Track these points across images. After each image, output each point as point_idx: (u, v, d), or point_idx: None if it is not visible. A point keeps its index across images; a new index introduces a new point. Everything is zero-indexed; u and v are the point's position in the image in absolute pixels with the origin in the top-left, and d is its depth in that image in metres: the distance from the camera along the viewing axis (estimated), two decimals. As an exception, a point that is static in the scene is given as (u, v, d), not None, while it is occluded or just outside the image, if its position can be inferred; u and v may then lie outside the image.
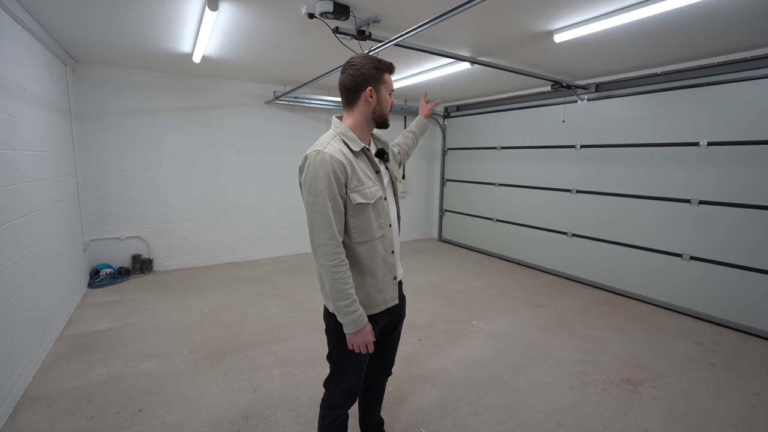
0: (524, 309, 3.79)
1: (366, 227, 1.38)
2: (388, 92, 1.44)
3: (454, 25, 2.74)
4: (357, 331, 1.35)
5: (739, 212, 3.35)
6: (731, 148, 3.37)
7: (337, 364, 1.54)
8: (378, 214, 1.41)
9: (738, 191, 3.35)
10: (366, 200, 1.35)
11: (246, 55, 3.78)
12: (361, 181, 1.35)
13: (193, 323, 3.33)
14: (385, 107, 1.43)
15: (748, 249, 3.31)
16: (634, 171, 4.07)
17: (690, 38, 2.96)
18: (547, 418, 2.20)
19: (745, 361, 2.86)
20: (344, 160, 1.32)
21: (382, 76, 1.40)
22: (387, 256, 1.46)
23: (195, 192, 4.94)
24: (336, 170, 1.28)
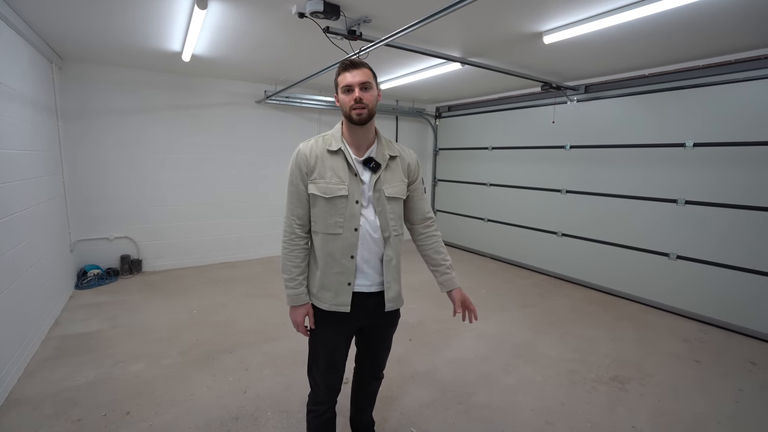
0: (515, 308, 3.82)
1: (318, 219, 1.48)
2: (342, 90, 1.43)
3: (445, 25, 2.76)
4: (291, 308, 1.53)
5: (724, 212, 3.41)
6: (717, 149, 3.43)
7: (310, 350, 1.63)
8: (335, 211, 1.45)
9: (723, 192, 3.41)
10: (320, 193, 1.45)
11: (236, 54, 3.75)
12: (322, 175, 1.45)
13: (182, 324, 3.29)
14: (342, 105, 1.44)
15: (733, 249, 3.37)
16: (622, 171, 4.12)
17: (676, 41, 3.01)
18: (536, 416, 2.22)
19: (730, 359, 2.92)
20: (309, 153, 1.47)
21: (337, 79, 1.46)
22: (341, 257, 1.46)
23: (185, 192, 4.90)
24: (299, 162, 1.48)
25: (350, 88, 1.40)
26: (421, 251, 1.71)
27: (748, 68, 3.22)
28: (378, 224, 1.49)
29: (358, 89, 1.39)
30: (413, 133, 6.79)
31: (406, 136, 6.68)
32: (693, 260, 3.63)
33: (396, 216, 1.54)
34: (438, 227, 1.76)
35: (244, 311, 3.60)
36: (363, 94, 1.39)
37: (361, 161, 1.48)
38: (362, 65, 1.42)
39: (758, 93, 3.18)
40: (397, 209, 1.55)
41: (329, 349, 1.56)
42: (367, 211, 1.48)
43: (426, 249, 1.69)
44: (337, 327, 1.53)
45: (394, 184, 1.52)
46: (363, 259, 1.49)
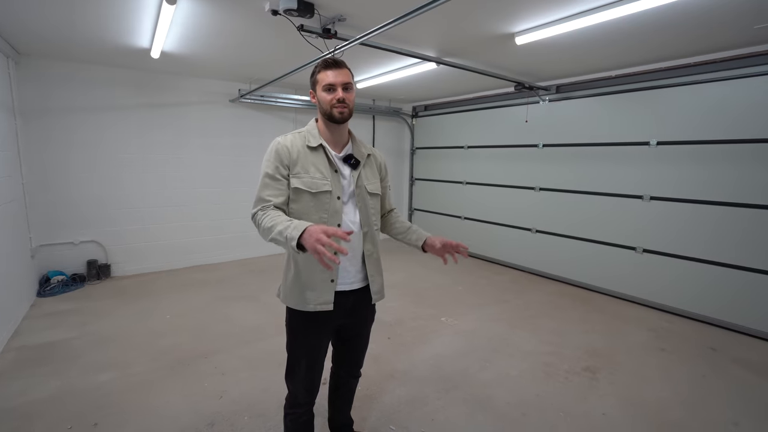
0: (491, 304, 3.89)
1: (302, 215, 1.43)
2: (323, 89, 1.43)
3: (419, 25, 2.77)
4: (305, 234, 1.15)
5: (686, 207, 3.58)
6: (678, 147, 3.60)
7: (289, 354, 1.58)
8: (320, 207, 1.44)
9: (684, 188, 3.58)
10: (305, 188, 1.42)
11: (208, 52, 3.66)
12: (306, 169, 1.44)
13: (154, 330, 3.19)
14: (323, 103, 1.44)
15: (694, 242, 3.55)
16: (591, 169, 4.27)
17: (639, 44, 3.13)
18: (512, 408, 2.27)
19: (693, 346, 3.07)
20: (291, 146, 1.45)
21: (316, 77, 1.47)
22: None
23: (156, 193, 4.74)
24: (280, 153, 1.44)
25: (333, 87, 1.42)
26: (389, 229, 1.76)
27: (706, 71, 3.39)
28: (358, 220, 1.52)
29: (340, 89, 1.42)
30: (390, 132, 6.81)
31: (383, 136, 6.69)
32: (658, 253, 3.80)
33: (375, 211, 1.59)
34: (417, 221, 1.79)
35: (219, 315, 3.51)
36: (345, 94, 1.42)
37: (341, 158, 1.51)
38: (344, 65, 1.45)
39: (715, 94, 3.36)
40: (376, 204, 1.60)
41: (311, 352, 1.54)
42: (347, 207, 1.50)
43: (392, 225, 1.76)
44: (319, 327, 1.52)
45: (372, 180, 1.58)
46: (346, 258, 1.49)
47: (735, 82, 3.24)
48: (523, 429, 2.10)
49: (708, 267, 3.48)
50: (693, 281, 3.57)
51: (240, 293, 4.07)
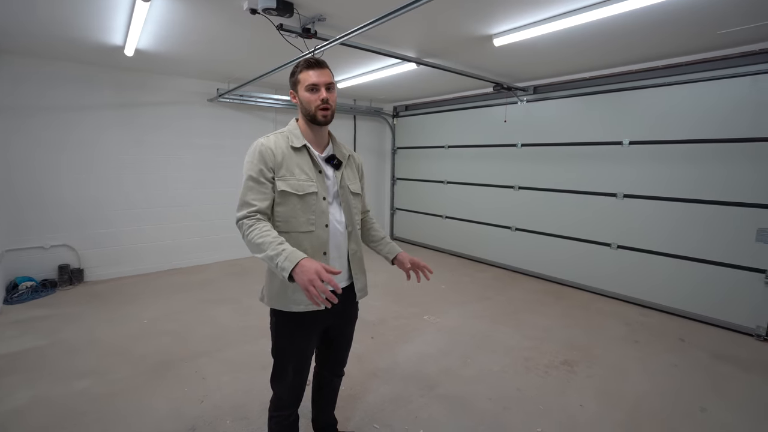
0: (473, 302, 3.95)
1: (290, 218, 1.42)
2: (306, 89, 1.42)
3: (399, 26, 2.79)
4: (297, 268, 1.16)
5: (655, 204, 3.72)
6: (649, 147, 3.74)
7: (277, 359, 1.55)
8: (307, 208, 1.43)
9: (654, 185, 3.72)
10: (292, 190, 1.40)
11: (185, 50, 3.59)
12: (291, 171, 1.42)
13: (132, 336, 3.11)
14: (306, 104, 1.42)
15: (666, 237, 3.69)
16: (568, 168, 4.38)
17: (611, 47, 3.24)
18: (494, 404, 2.31)
19: (664, 338, 3.19)
20: (275, 147, 1.42)
21: (298, 76, 1.45)
22: (314, 254, 1.44)
23: (131, 195, 4.61)
24: (264, 154, 1.40)
25: (316, 87, 1.41)
26: (364, 235, 1.79)
27: (673, 74, 3.53)
28: (343, 219, 1.54)
29: (324, 90, 1.41)
30: (371, 132, 6.82)
31: (364, 136, 6.69)
32: (631, 249, 3.93)
33: (357, 210, 1.61)
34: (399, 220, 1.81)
35: (199, 318, 3.45)
36: (328, 94, 1.42)
37: (323, 158, 1.51)
38: (326, 65, 1.45)
39: (681, 96, 3.50)
40: (358, 204, 1.62)
41: (299, 355, 1.52)
42: (332, 207, 1.51)
43: (368, 231, 1.79)
44: (307, 329, 1.51)
45: (353, 181, 1.61)
46: (334, 256, 1.52)
47: (699, 85, 3.39)
48: (505, 423, 2.15)
49: (676, 261, 3.63)
50: (663, 275, 3.72)
51: (222, 296, 4.01)
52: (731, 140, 3.26)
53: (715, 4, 2.37)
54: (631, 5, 2.31)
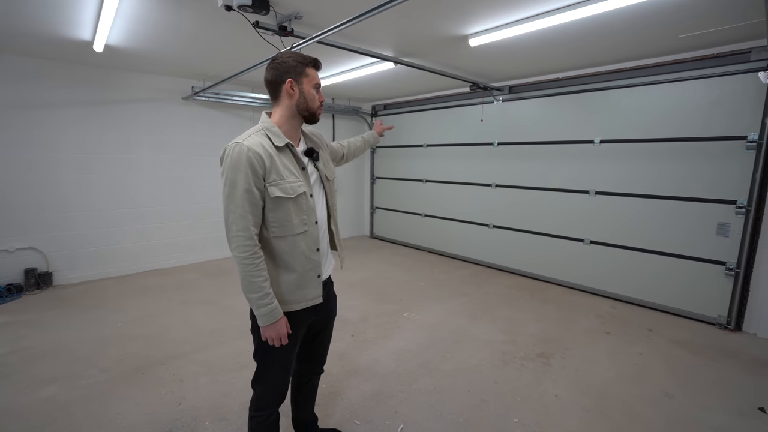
0: (452, 298, 4.02)
1: (285, 222, 1.39)
2: (312, 86, 1.43)
3: (376, 25, 2.81)
4: (270, 324, 1.37)
5: (625, 201, 3.87)
6: (618, 146, 3.89)
7: (262, 361, 1.52)
8: (300, 209, 1.42)
9: (624, 183, 3.87)
10: (285, 195, 1.37)
11: (158, 47, 3.50)
12: (281, 175, 1.37)
13: (105, 340, 3.02)
14: (310, 101, 1.43)
15: (635, 232, 3.85)
16: (542, 166, 4.50)
17: (582, 49, 3.35)
18: (472, 396, 2.36)
19: (633, 328, 3.33)
20: (263, 152, 1.33)
21: (304, 69, 1.42)
22: (310, 253, 1.46)
23: (103, 195, 4.47)
24: (253, 162, 1.30)
25: (319, 88, 1.47)
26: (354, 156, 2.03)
27: (640, 75, 3.68)
28: (328, 209, 1.58)
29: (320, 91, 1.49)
30: (350, 131, 6.82)
31: (343, 134, 6.68)
32: (603, 244, 4.08)
33: (334, 192, 1.66)
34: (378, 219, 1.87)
35: (176, 320, 3.38)
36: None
37: (303, 153, 1.51)
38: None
39: (648, 96, 3.65)
40: (334, 186, 1.66)
41: (286, 354, 1.50)
42: (317, 201, 1.52)
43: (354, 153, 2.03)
44: (298, 325, 1.51)
45: (329, 166, 1.64)
46: (324, 248, 1.55)
47: (663, 86, 3.55)
48: (483, 414, 2.20)
49: (644, 255, 3.79)
50: (633, 269, 3.88)
51: (198, 297, 3.93)
52: (692, 139, 3.42)
53: (677, 9, 2.49)
54: (600, 8, 2.40)
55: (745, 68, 3.12)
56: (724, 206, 3.30)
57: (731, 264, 3.29)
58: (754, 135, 3.10)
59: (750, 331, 3.26)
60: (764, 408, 2.28)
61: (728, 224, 3.29)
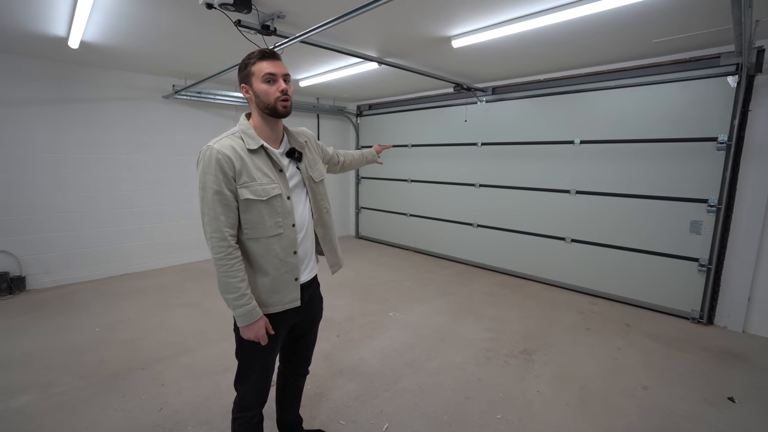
0: (437, 297, 4.05)
1: (257, 224, 1.38)
2: (262, 81, 1.35)
3: (360, 25, 2.81)
4: (248, 325, 1.38)
5: (605, 200, 3.97)
6: (597, 146, 3.98)
7: (242, 361, 1.52)
8: (273, 212, 1.39)
9: (604, 182, 3.97)
10: (256, 197, 1.35)
11: (137, 44, 3.42)
12: (252, 177, 1.35)
13: (81, 346, 2.93)
14: (264, 96, 1.36)
15: (613, 230, 3.95)
16: (525, 166, 4.58)
17: (562, 51, 3.43)
18: (456, 394, 2.39)
19: (612, 324, 3.42)
20: (232, 154, 1.33)
21: (251, 69, 1.37)
22: (286, 256, 1.44)
23: (79, 196, 4.33)
24: (222, 164, 1.31)
25: (274, 78, 1.36)
26: (348, 167, 2.04)
27: (617, 77, 3.78)
28: (311, 212, 1.55)
29: (282, 80, 1.37)
30: (335, 131, 6.80)
31: (328, 134, 6.66)
32: (584, 242, 4.18)
33: (323, 195, 1.61)
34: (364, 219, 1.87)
35: (156, 324, 3.31)
36: (287, 86, 1.38)
37: (282, 154, 1.48)
38: (280, 57, 1.41)
39: (625, 99, 3.75)
40: (323, 189, 1.62)
41: (265, 355, 1.50)
42: (296, 203, 1.49)
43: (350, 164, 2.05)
44: (278, 327, 1.50)
45: (316, 167, 1.60)
46: (303, 252, 1.52)
47: (644, 88, 3.64)
48: (467, 411, 2.23)
49: (622, 252, 3.89)
50: (611, 266, 3.98)
51: (180, 300, 3.86)
52: (667, 140, 3.54)
53: (651, 14, 2.57)
54: (579, 12, 2.46)
55: (715, 72, 3.24)
56: (697, 205, 3.42)
57: (703, 260, 3.41)
58: (723, 136, 3.22)
59: (721, 324, 3.39)
60: (733, 397, 2.38)
61: (700, 222, 3.42)
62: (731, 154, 3.19)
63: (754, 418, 2.21)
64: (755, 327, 3.25)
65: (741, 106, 3.12)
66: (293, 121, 5.99)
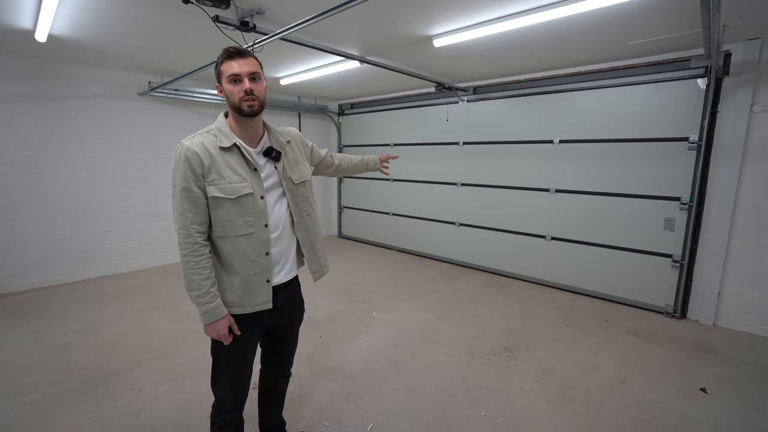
0: (421, 296, 4.06)
1: (225, 222, 1.36)
2: (228, 81, 1.34)
3: (341, 23, 2.79)
4: (210, 324, 1.38)
5: (583, 198, 4.06)
6: (576, 146, 4.07)
7: (215, 361, 1.51)
8: (244, 211, 1.37)
9: (581, 181, 4.06)
10: (224, 195, 1.34)
11: (110, 39, 3.31)
12: (221, 175, 1.34)
13: (53, 351, 2.82)
14: (230, 97, 1.34)
15: (590, 228, 4.04)
16: (506, 165, 4.64)
17: (542, 52, 3.48)
18: (440, 392, 2.40)
19: (591, 320, 3.50)
20: (202, 152, 1.32)
21: (219, 69, 1.36)
22: (257, 256, 1.41)
23: (51, 196, 4.16)
24: (191, 161, 1.31)
25: (238, 78, 1.33)
26: (344, 171, 1.98)
27: (594, 78, 3.87)
28: (288, 213, 1.51)
29: (247, 80, 1.33)
30: (317, 130, 6.74)
31: (309, 133, 6.59)
32: (563, 240, 4.26)
33: (304, 197, 1.57)
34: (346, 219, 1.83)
35: (134, 327, 3.21)
36: (253, 85, 1.34)
37: (258, 153, 1.45)
38: (248, 54, 1.36)
39: (601, 99, 3.85)
40: (305, 191, 1.57)
41: (239, 354, 1.48)
42: (272, 204, 1.46)
43: (347, 168, 1.98)
44: (251, 327, 1.47)
45: (298, 168, 1.55)
46: (278, 253, 1.49)
47: (620, 89, 3.74)
48: (451, 409, 2.24)
49: (600, 250, 3.99)
50: (590, 263, 4.08)
51: (158, 302, 3.76)
52: (642, 140, 3.64)
53: (623, 17, 2.64)
54: (557, 14, 2.50)
55: (686, 75, 3.35)
56: (670, 203, 3.54)
57: (677, 256, 3.53)
58: (694, 137, 3.34)
59: (693, 318, 3.52)
60: (705, 388, 2.47)
61: (674, 219, 3.53)
62: (701, 153, 3.31)
63: (724, 408, 2.30)
64: (724, 320, 3.38)
65: (710, 108, 3.24)
66: (274, 119, 5.91)
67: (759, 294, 3.21)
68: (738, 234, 3.27)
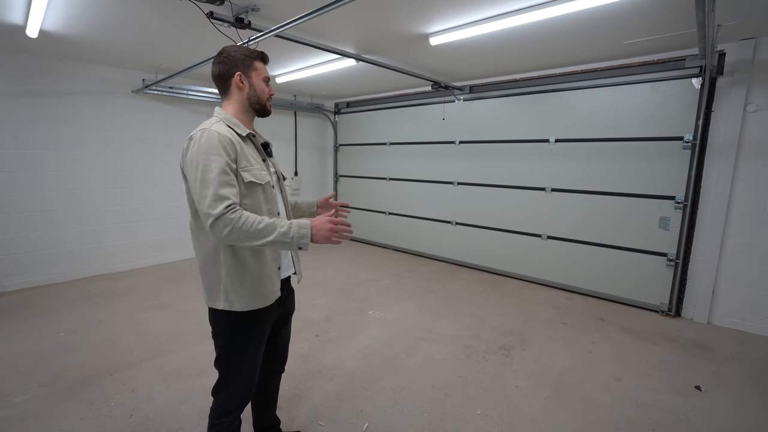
0: (416, 295, 4.05)
1: (256, 209, 1.35)
2: (262, 79, 1.44)
3: (336, 20, 2.78)
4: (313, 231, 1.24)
5: (579, 197, 4.07)
6: (572, 145, 4.08)
7: (226, 368, 1.46)
8: (267, 198, 1.41)
9: (577, 180, 4.07)
10: (257, 180, 1.35)
11: (102, 35, 3.27)
12: (249, 161, 1.36)
13: (44, 352, 2.78)
14: (260, 93, 1.44)
15: (587, 227, 4.06)
16: (503, 164, 4.65)
17: (538, 51, 3.49)
18: (436, 391, 2.40)
19: (586, 318, 3.51)
20: (233, 137, 1.32)
21: (253, 63, 1.43)
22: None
23: (44, 195, 4.11)
24: (225, 145, 1.28)
25: (268, 81, 1.46)
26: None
27: (590, 78, 3.88)
28: (285, 206, 1.57)
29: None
30: (313, 128, 6.72)
31: (305, 132, 6.57)
32: (559, 239, 4.27)
33: (286, 195, 1.64)
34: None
35: (127, 327, 3.18)
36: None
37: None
38: None
39: (597, 98, 3.86)
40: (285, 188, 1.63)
41: (255, 354, 1.46)
42: (278, 194, 1.52)
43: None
44: (264, 324, 1.47)
45: (279, 166, 1.63)
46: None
47: (616, 88, 3.75)
48: (447, 408, 2.23)
49: (597, 249, 4.01)
50: (586, 262, 4.09)
51: (154, 301, 3.72)
52: (637, 139, 3.65)
53: (617, 16, 2.64)
54: (553, 12, 2.50)
55: (681, 74, 3.37)
56: (665, 202, 3.55)
57: (671, 255, 3.55)
58: (689, 136, 3.36)
59: (687, 316, 3.54)
60: (699, 386, 2.48)
61: (668, 218, 3.55)
62: (696, 153, 3.33)
63: (718, 405, 2.31)
64: (718, 318, 3.40)
65: (705, 107, 3.26)
66: (271, 118, 5.86)
67: (752, 292, 3.23)
68: (732, 233, 3.29)
